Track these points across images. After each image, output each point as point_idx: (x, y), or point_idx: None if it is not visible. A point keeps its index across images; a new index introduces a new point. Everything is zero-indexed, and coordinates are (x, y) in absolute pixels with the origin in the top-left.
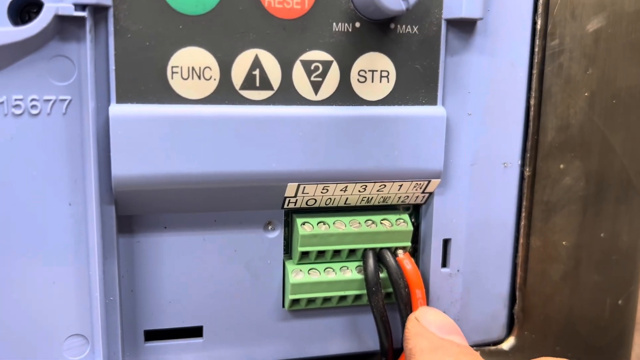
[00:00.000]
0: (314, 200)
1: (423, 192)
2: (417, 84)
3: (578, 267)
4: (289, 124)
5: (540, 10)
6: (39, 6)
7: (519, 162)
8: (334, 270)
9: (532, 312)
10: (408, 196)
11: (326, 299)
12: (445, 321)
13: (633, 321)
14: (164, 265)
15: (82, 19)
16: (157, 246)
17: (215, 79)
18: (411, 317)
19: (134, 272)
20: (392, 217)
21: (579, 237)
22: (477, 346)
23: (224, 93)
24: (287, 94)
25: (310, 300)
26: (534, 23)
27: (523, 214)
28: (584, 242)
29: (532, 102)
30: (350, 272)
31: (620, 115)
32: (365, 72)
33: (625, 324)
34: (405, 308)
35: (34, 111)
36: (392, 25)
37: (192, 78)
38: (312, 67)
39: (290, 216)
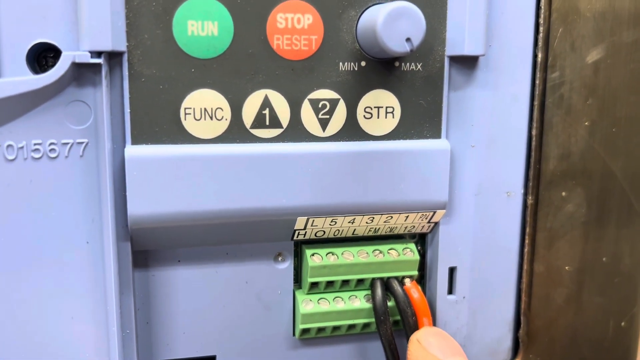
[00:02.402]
0: (323, 232)
1: (429, 222)
2: (422, 118)
3: (581, 290)
4: (298, 160)
5: (540, 43)
6: (56, 50)
7: (522, 191)
8: (343, 300)
9: (537, 336)
10: (414, 226)
11: (336, 328)
12: (447, 342)
13: (636, 342)
14: (178, 298)
15: (98, 65)
16: (171, 279)
17: (226, 119)
18: (413, 339)
19: (149, 304)
20: (399, 247)
21: (581, 261)
22: None
23: (235, 132)
24: (296, 132)
25: (320, 329)
26: (535, 56)
27: (526, 241)
28: (586, 266)
29: (534, 132)
30: (359, 301)
31: (620, 142)
32: (371, 109)
33: (628, 345)
34: None
35: (53, 155)
36: (397, 63)
37: (205, 119)
38: (320, 105)
39: (299, 247)
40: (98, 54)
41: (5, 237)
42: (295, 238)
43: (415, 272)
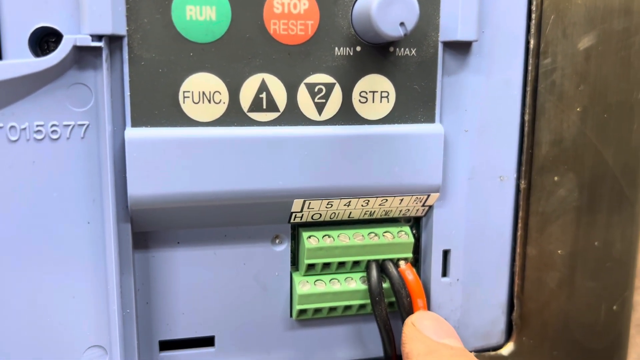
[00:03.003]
0: (319, 215)
1: (423, 206)
2: (416, 103)
3: (573, 274)
4: (294, 143)
5: (533, 30)
6: (57, 35)
7: (515, 176)
8: (339, 281)
9: (530, 319)
10: (409, 209)
11: (332, 309)
12: (441, 325)
13: (628, 325)
14: (178, 279)
15: (99, 48)
16: (170, 260)
17: (224, 103)
18: (408, 322)
19: (149, 285)
20: (394, 230)
21: (573, 245)
22: (477, 352)
23: (233, 115)
24: (292, 115)
25: (317, 310)
26: (527, 43)
27: (519, 225)
28: (578, 250)
29: (526, 118)
30: (354, 282)
31: (612, 128)
32: (366, 93)
33: (620, 328)
34: (408, 317)
35: (54, 136)
36: (392, 49)
37: (203, 102)
38: (316, 90)
39: (296, 230)
40: (99, 37)
41: (8, 217)
42: (292, 221)
43: (410, 255)
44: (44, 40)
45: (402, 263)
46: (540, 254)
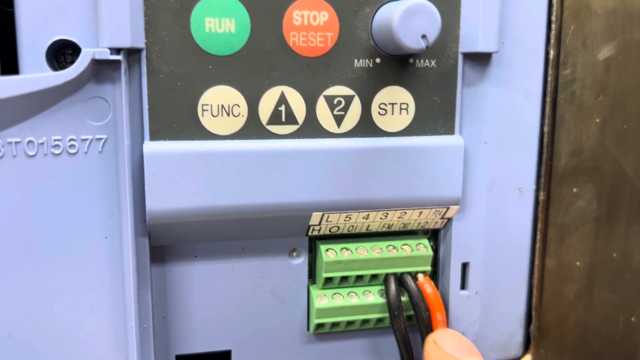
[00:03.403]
0: (337, 228)
1: (442, 218)
2: (436, 115)
3: (592, 286)
4: (313, 156)
5: (552, 40)
6: (73, 47)
7: (534, 187)
8: (356, 295)
9: (548, 331)
10: (427, 222)
11: (350, 323)
12: (462, 343)
13: None
14: (194, 292)
15: (117, 62)
16: (187, 274)
17: (243, 116)
18: (429, 340)
19: (166, 299)
20: (412, 242)
21: (592, 257)
22: None
23: (252, 128)
24: (311, 128)
25: (335, 324)
26: (547, 53)
27: (538, 237)
28: (597, 262)
29: (545, 129)
30: (372, 296)
31: (631, 138)
32: (386, 105)
33: (638, 340)
34: (426, 330)
35: (72, 150)
36: (411, 60)
37: (222, 115)
38: (335, 102)
39: (313, 242)
40: (117, 50)
41: (26, 231)
42: (309, 234)
43: (429, 268)
44: (60, 52)
45: (420, 276)
46: (559, 266)
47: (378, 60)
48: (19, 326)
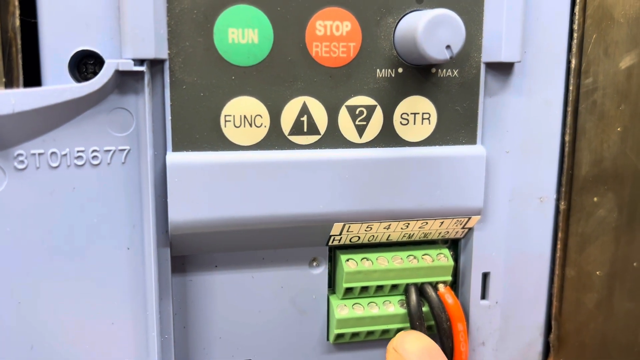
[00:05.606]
0: (358, 238)
1: (463, 228)
2: (458, 124)
3: (612, 295)
4: (335, 166)
5: (574, 49)
6: (95, 57)
7: (555, 197)
8: (377, 305)
9: (568, 340)
10: (448, 232)
11: (370, 333)
12: (423, 346)
13: None
14: (215, 302)
15: (141, 73)
16: (208, 284)
17: (265, 126)
18: (389, 348)
19: (186, 309)
20: (433, 252)
21: (612, 266)
22: None
23: (274, 139)
24: (333, 138)
25: (355, 334)
26: (569, 62)
27: (558, 246)
28: (617, 271)
29: (567, 138)
30: (393, 306)
31: None
32: (408, 115)
33: None
34: (447, 341)
35: (95, 162)
36: (433, 70)
37: (244, 126)
38: (357, 112)
39: (333, 252)
40: (141, 61)
41: (48, 243)
42: (330, 243)
43: (449, 278)
44: (82, 63)
45: (441, 286)
46: (579, 275)
47: (400, 70)
48: (41, 337)
